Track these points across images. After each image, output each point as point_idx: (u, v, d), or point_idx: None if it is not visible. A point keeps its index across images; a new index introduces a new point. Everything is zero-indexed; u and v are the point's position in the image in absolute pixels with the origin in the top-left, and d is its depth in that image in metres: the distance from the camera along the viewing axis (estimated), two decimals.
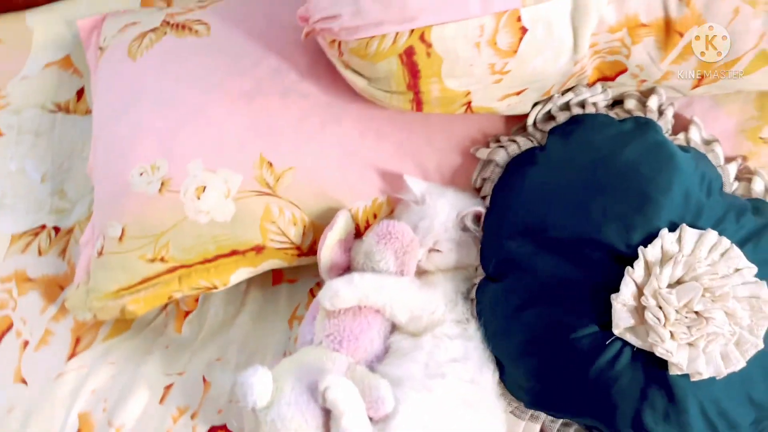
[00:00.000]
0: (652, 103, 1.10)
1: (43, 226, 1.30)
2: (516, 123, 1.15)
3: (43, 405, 1.10)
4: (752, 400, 0.93)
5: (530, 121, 1.11)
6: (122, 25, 1.30)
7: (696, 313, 0.88)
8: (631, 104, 1.11)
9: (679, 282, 0.90)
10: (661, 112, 1.10)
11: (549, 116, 1.11)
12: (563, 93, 1.10)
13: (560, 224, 0.97)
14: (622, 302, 0.90)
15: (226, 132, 1.10)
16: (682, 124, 1.13)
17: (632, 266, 0.90)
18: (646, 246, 0.91)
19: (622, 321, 0.90)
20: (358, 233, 1.13)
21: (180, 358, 1.14)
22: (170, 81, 1.16)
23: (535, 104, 1.11)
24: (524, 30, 0.96)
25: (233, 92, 1.13)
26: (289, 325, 1.17)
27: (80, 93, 1.44)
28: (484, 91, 1.02)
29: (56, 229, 1.30)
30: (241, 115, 1.12)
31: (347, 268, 1.10)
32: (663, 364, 0.90)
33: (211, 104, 1.12)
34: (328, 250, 1.08)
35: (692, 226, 0.92)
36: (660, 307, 0.88)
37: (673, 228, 0.92)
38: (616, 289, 0.90)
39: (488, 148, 1.11)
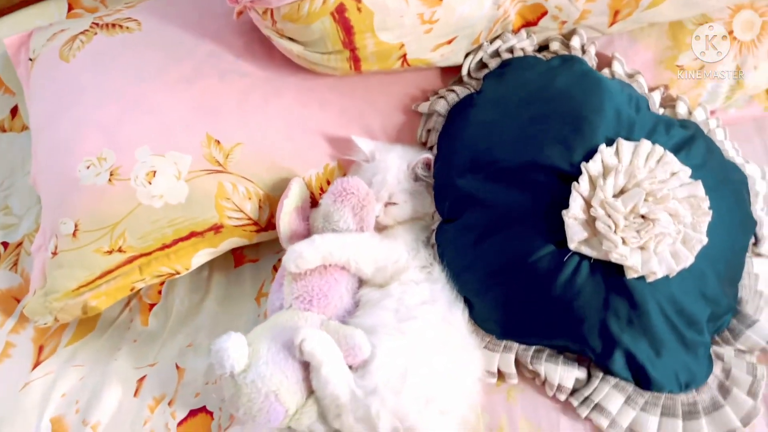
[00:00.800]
0: (575, 42, 1.16)
1: None
2: (451, 77, 1.20)
3: (12, 416, 1.06)
4: (705, 295, 0.98)
5: (464, 71, 1.16)
6: (51, 35, 1.29)
7: (642, 217, 0.94)
8: (555, 46, 1.17)
9: (622, 191, 0.95)
10: (584, 51, 1.17)
11: (481, 65, 1.17)
12: (492, 41, 1.16)
13: (505, 154, 1.01)
14: (573, 216, 0.94)
15: (169, 116, 1.11)
16: (605, 62, 1.20)
17: (578, 182, 0.94)
18: (587, 162, 0.96)
19: (576, 235, 0.94)
20: (314, 202, 1.15)
21: (150, 350, 1.13)
22: (107, 76, 1.16)
23: (467, 55, 1.16)
24: None
25: (171, 79, 1.15)
26: (257, 302, 1.17)
27: (14, 111, 1.42)
28: (417, 42, 1.06)
29: (4, 245, 1.27)
30: (182, 98, 1.13)
31: (307, 236, 1.11)
32: (620, 270, 0.95)
33: (151, 92, 1.13)
34: (287, 216, 1.09)
35: (627, 139, 0.98)
36: (609, 216, 0.93)
37: (609, 143, 0.98)
38: (566, 207, 0.95)
39: (428, 101, 1.16)
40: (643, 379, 0.98)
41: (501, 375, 1.03)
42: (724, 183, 1.05)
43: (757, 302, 1.05)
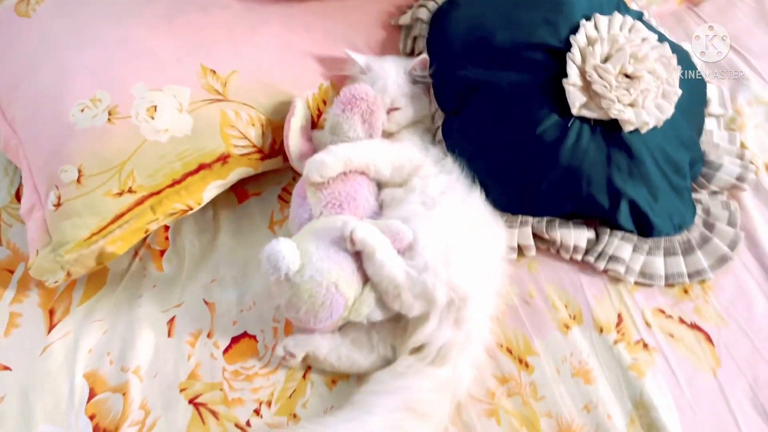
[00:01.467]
0: None
1: None
2: None
3: (41, 381, 0.99)
4: (682, 141, 1.13)
5: None
6: None
7: (628, 76, 1.06)
8: None
9: (607, 58, 1.07)
10: None
11: None
12: None
13: (499, 39, 1.10)
14: (572, 83, 1.04)
15: (159, 52, 1.10)
16: None
17: (571, 52, 1.05)
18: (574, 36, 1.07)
19: (577, 100, 1.04)
20: (313, 125, 1.17)
21: (172, 293, 1.10)
22: (80, 22, 1.13)
23: None
24: None
25: (150, 18, 1.13)
26: (271, 230, 1.17)
27: None
28: None
29: None
30: (167, 35, 1.12)
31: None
32: (616, 128, 1.06)
33: (132, 32, 1.11)
34: (296, 135, 1.11)
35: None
36: (602, 78, 1.04)
37: (587, 19, 1.09)
38: (562, 78, 1.05)
39: (407, 14, 1.23)
40: (645, 227, 1.10)
41: (520, 250, 1.12)
42: (675, 51, 1.20)
43: (717, 152, 1.21)
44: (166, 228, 1.17)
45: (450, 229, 1.02)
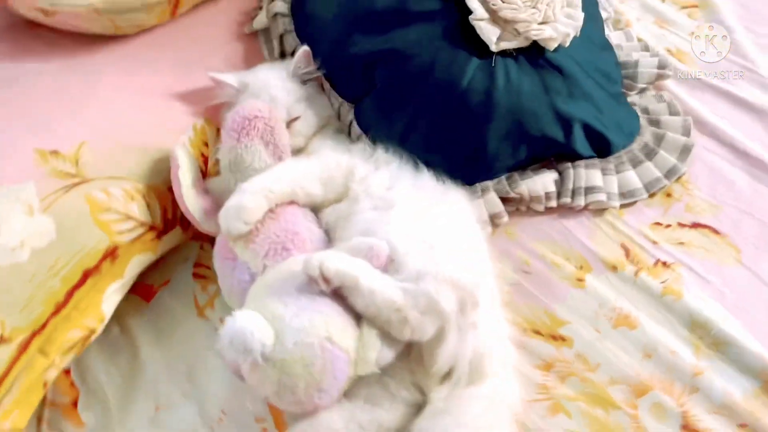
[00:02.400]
0: None
1: None
2: None
3: None
4: (599, 45, 1.06)
5: None
6: None
7: None
8: None
9: None
10: None
11: None
12: None
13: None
14: (480, 18, 0.91)
15: None
16: None
17: None
18: None
19: (491, 34, 0.92)
20: (204, 175, 0.94)
21: None
22: None
23: None
24: None
25: None
26: (203, 317, 0.92)
27: None
28: None
29: None
30: None
31: (219, 208, 0.90)
32: (539, 51, 0.95)
33: None
34: (189, 190, 0.87)
35: None
36: (507, 2, 0.92)
37: None
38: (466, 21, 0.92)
39: (258, 16, 1.04)
40: (603, 146, 1.00)
41: (491, 221, 0.97)
42: None
43: (622, 52, 1.14)
44: (67, 372, 0.88)
45: (418, 221, 0.84)
